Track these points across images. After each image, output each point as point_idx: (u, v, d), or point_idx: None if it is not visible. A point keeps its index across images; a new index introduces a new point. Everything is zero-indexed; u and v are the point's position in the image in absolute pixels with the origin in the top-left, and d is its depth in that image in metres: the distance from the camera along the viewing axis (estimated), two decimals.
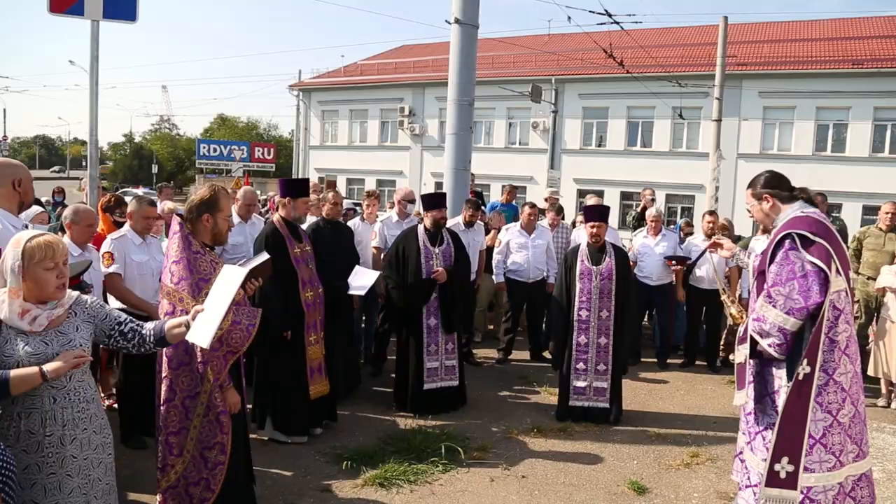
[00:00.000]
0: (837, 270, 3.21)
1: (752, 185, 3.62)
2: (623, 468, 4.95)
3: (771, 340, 3.22)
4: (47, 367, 2.47)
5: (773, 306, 3.19)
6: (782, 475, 3.15)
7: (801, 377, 3.14)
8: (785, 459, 3.16)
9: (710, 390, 7.00)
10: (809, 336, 3.16)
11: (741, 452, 3.58)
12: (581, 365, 5.81)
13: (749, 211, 3.72)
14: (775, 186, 3.51)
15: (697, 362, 7.84)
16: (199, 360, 3.24)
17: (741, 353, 3.45)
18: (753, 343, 3.30)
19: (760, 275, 3.38)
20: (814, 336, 3.14)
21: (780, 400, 3.22)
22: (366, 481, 4.53)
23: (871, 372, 6.58)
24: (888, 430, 5.89)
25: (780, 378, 3.30)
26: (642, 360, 7.90)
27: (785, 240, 3.25)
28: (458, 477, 4.69)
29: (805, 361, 3.13)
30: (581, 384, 5.81)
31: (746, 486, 3.46)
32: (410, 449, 4.99)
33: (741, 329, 3.47)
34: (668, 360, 7.88)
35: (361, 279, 5.69)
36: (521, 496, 4.44)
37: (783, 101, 23.03)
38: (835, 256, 3.21)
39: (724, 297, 3.92)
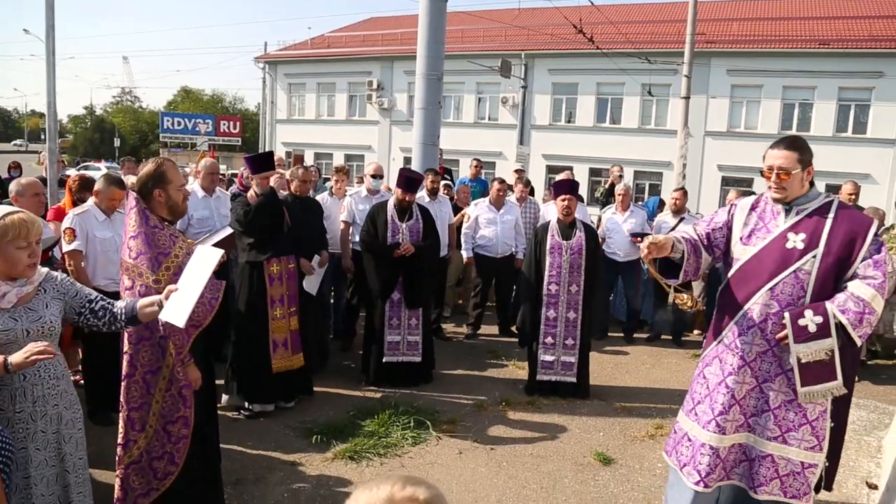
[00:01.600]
0: None
1: (798, 148, 3.16)
2: (589, 440, 5.03)
3: (865, 331, 3.04)
4: (12, 358, 2.42)
5: (882, 297, 3.04)
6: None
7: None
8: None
9: (674, 364, 7.13)
10: None
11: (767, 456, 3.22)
12: (549, 339, 5.87)
13: (769, 171, 3.17)
14: (812, 157, 3.21)
15: (663, 337, 7.97)
16: (160, 334, 3.20)
17: (819, 350, 3.02)
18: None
19: (833, 263, 3.06)
20: None
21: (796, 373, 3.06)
22: (336, 455, 4.54)
23: None
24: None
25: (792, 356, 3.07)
26: (609, 334, 8.01)
27: (873, 232, 3.10)
28: (427, 450, 4.73)
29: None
30: (549, 358, 5.87)
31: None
32: (380, 423, 5.02)
33: (812, 325, 3.02)
34: (635, 335, 8.00)
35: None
36: (489, 468, 4.49)
37: (751, 80, 23.27)
38: None
39: (663, 283, 3.47)
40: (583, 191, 7.68)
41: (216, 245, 3.57)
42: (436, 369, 6.25)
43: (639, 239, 7.92)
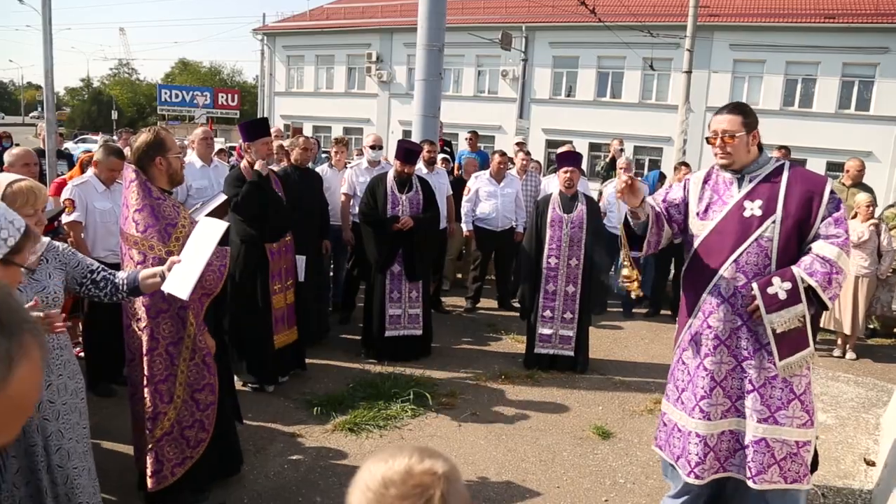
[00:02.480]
0: None
1: (742, 111, 3.07)
2: (588, 414, 5.05)
3: (834, 292, 2.95)
4: None
5: (847, 255, 2.98)
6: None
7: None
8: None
9: (673, 339, 7.12)
10: None
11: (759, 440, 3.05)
12: (548, 313, 5.86)
13: (714, 137, 3.11)
14: (757, 122, 3.13)
15: (662, 312, 7.98)
16: (179, 304, 3.20)
17: (792, 317, 2.91)
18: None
19: (793, 225, 2.98)
20: None
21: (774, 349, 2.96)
22: (335, 426, 4.55)
23: (824, 324, 6.77)
24: (842, 378, 6.08)
25: (769, 325, 2.97)
26: (608, 309, 8.01)
27: (829, 185, 3.05)
28: (426, 422, 4.74)
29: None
30: (547, 332, 5.87)
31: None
32: (379, 395, 5.03)
33: (781, 292, 2.91)
34: (634, 310, 8.00)
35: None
36: (489, 441, 4.51)
37: (753, 55, 23.04)
38: None
39: (623, 252, 3.32)
40: (582, 165, 7.62)
41: (211, 214, 3.56)
42: (435, 343, 6.25)
43: None
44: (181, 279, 2.81)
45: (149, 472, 3.33)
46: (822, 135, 21.47)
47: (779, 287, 2.92)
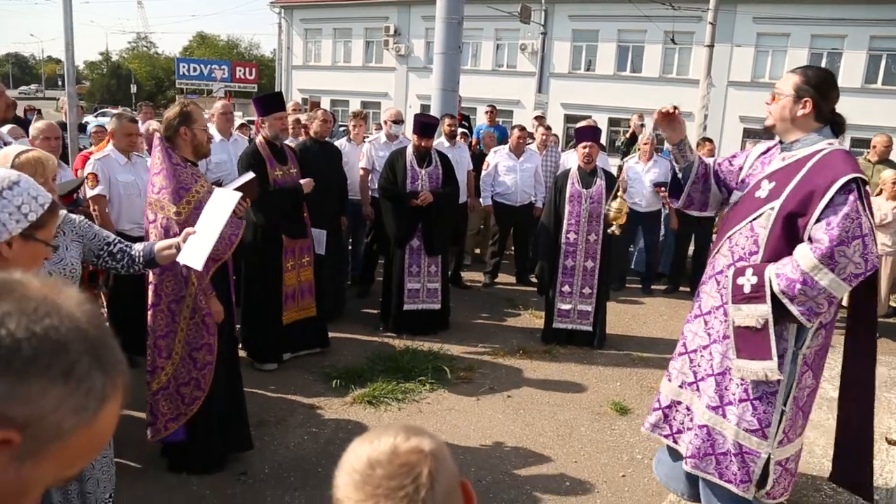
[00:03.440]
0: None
1: (804, 74, 2.76)
2: (606, 389, 5.06)
3: (809, 306, 2.60)
4: None
5: (832, 270, 2.53)
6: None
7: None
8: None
9: None
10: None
11: (703, 426, 2.98)
12: (566, 288, 5.85)
13: (772, 100, 2.83)
14: (825, 94, 2.75)
15: (681, 288, 7.93)
16: (182, 265, 3.26)
17: (752, 316, 2.71)
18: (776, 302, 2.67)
19: (786, 219, 2.68)
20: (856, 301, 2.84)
21: (786, 363, 2.74)
22: (354, 399, 4.60)
23: (846, 303, 6.67)
24: None
25: (788, 339, 2.75)
26: (627, 285, 7.98)
27: (852, 184, 2.56)
28: (444, 396, 4.77)
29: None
30: (565, 307, 5.87)
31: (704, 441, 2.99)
32: (398, 368, 5.07)
33: (747, 285, 2.72)
34: (653, 287, 7.97)
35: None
36: (506, 415, 4.53)
37: (777, 28, 22.57)
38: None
39: (620, 183, 3.33)
40: (602, 139, 7.56)
41: (238, 189, 3.57)
42: (454, 317, 6.27)
43: (662, 189, 7.85)
44: (195, 250, 2.85)
45: (146, 423, 3.53)
46: (847, 110, 20.58)
47: (747, 279, 2.72)
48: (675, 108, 2.94)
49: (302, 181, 5.13)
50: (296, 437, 4.10)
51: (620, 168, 8.23)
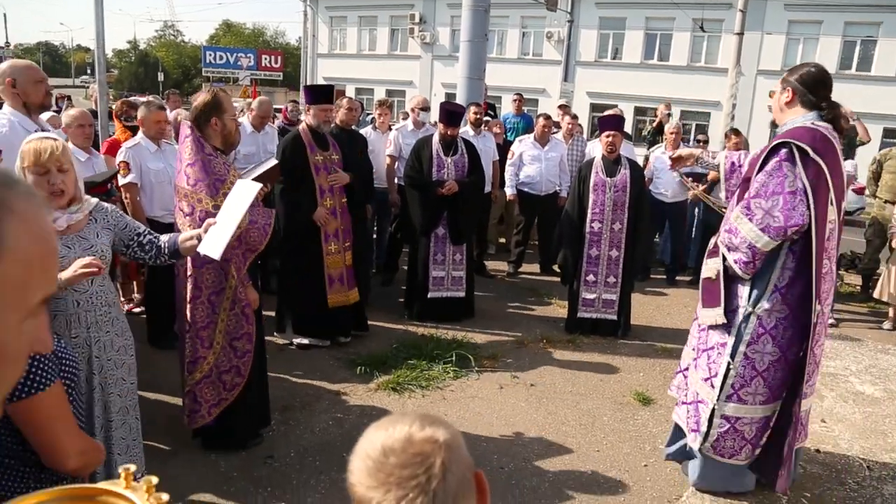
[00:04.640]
0: (831, 201, 2.93)
1: (791, 70, 3.19)
2: (629, 379, 5.06)
3: (738, 256, 3.01)
4: (62, 275, 2.46)
5: (750, 219, 2.94)
6: None
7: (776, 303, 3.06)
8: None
9: None
10: (784, 263, 3.00)
11: (686, 368, 3.55)
12: (591, 277, 5.84)
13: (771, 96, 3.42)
14: (809, 87, 3.06)
15: None
16: (222, 258, 3.31)
17: (710, 268, 3.20)
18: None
19: (745, 182, 3.14)
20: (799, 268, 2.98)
21: (737, 319, 3.11)
22: (379, 386, 4.65)
23: (877, 295, 6.61)
24: (892, 351, 5.95)
25: (741, 297, 3.13)
26: (651, 276, 7.94)
27: (781, 148, 2.94)
28: (468, 383, 4.81)
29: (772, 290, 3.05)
30: (590, 296, 5.86)
31: (683, 403, 3.51)
32: (422, 356, 5.11)
33: (712, 241, 3.24)
34: (677, 278, 7.92)
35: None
36: (529, 403, 4.56)
37: (809, 15, 22.13)
38: (831, 183, 2.91)
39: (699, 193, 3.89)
40: (628, 129, 7.51)
41: (259, 178, 3.63)
42: (478, 306, 6.29)
43: (689, 178, 7.80)
44: (215, 240, 2.88)
45: (186, 411, 3.60)
46: (879, 99, 20.60)
47: (717, 237, 3.21)
48: (673, 161, 3.70)
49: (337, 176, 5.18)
50: (321, 422, 4.16)
51: (646, 159, 8.16)
